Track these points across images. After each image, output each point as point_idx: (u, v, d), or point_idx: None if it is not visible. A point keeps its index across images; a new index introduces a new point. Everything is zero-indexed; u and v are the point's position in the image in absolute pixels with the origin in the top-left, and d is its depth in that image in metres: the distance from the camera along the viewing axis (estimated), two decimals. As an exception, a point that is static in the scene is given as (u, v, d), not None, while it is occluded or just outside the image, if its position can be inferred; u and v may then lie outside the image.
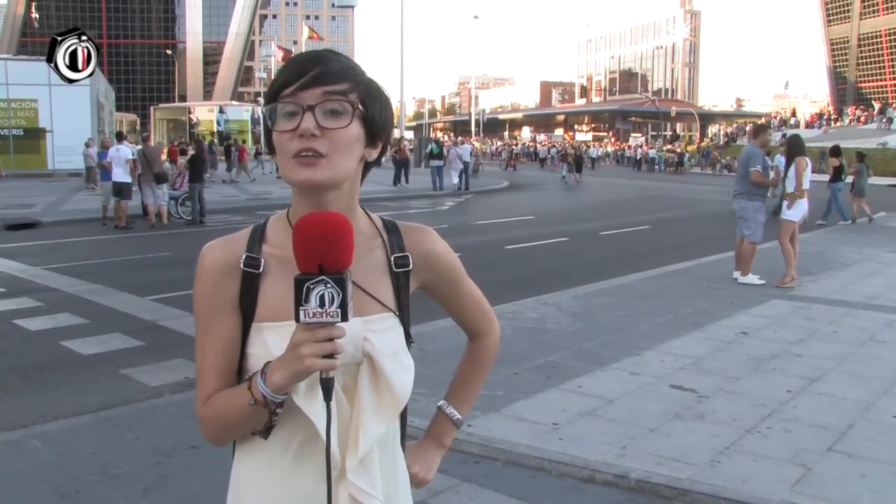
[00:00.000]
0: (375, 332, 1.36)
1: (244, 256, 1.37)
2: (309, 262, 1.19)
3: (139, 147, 16.95)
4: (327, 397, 1.23)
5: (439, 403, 1.70)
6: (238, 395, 1.32)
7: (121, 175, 15.76)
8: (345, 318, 1.19)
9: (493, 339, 1.70)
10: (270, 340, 1.32)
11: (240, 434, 1.40)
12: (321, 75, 1.31)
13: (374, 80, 1.39)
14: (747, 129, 40.76)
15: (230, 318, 1.37)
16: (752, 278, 9.40)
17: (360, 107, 1.34)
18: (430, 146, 28.49)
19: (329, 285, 1.17)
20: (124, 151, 16.18)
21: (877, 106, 63.11)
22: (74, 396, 5.62)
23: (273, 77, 1.39)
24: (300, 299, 1.17)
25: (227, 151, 33.23)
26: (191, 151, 22.69)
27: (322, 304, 1.17)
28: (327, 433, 1.25)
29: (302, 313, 1.18)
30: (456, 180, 27.51)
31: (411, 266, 1.46)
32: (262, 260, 1.37)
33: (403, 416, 1.52)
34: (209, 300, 1.37)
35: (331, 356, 1.20)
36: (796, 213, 9.64)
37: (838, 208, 17.73)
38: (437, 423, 1.69)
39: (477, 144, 57.05)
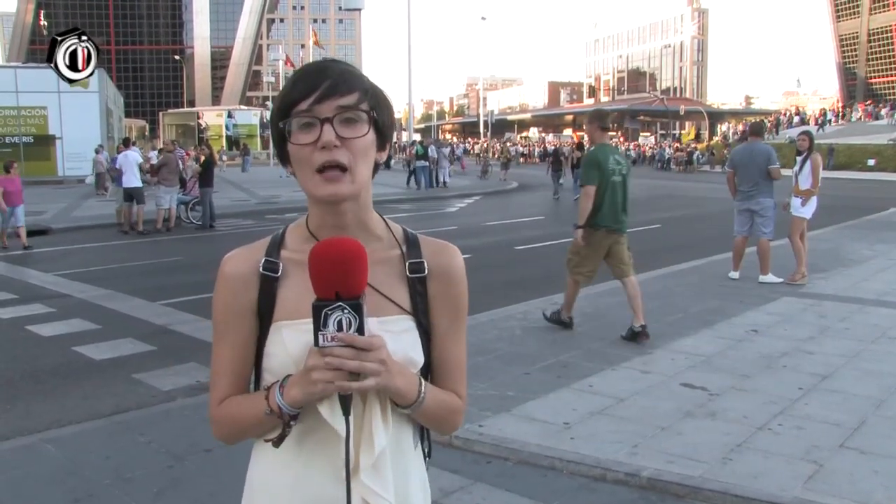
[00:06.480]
0: (390, 333, 1.36)
1: (263, 261, 1.41)
2: (326, 290, 1.22)
3: (156, 151, 17.20)
4: (346, 412, 1.26)
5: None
6: (254, 402, 1.36)
7: (131, 180, 15.83)
8: None
9: (460, 403, 1.50)
10: (287, 338, 1.35)
11: (251, 437, 1.43)
12: (333, 87, 1.32)
13: (377, 85, 1.42)
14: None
15: (247, 323, 1.41)
16: (773, 277, 9.31)
17: (374, 113, 1.37)
18: (415, 147, 28.93)
19: (346, 311, 1.22)
20: (133, 157, 16.21)
21: (881, 101, 62.69)
22: (87, 401, 5.66)
23: (281, 91, 1.39)
24: (318, 325, 1.22)
25: None
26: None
27: (339, 329, 1.22)
28: (346, 446, 1.28)
29: (321, 338, 1.22)
30: (444, 178, 28.95)
31: (427, 272, 1.45)
32: (281, 264, 1.41)
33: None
34: (228, 307, 1.41)
35: None
36: (809, 209, 9.58)
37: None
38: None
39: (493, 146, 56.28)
